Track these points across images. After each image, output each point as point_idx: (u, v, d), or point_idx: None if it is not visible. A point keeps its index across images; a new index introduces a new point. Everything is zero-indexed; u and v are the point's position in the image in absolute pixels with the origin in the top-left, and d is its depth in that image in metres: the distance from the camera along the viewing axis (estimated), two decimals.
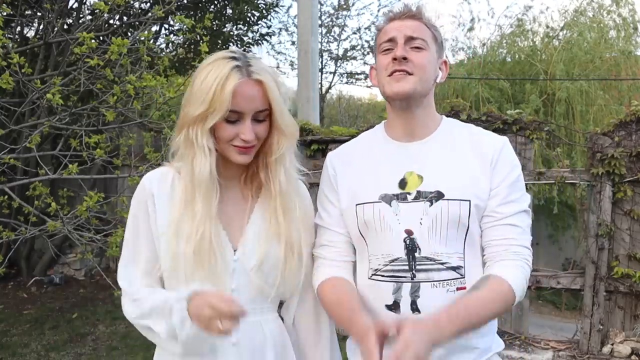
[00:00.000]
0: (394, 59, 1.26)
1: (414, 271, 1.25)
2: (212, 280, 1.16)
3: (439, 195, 1.25)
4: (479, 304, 1.15)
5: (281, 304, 1.36)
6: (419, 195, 1.27)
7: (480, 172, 1.28)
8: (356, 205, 1.31)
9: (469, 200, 1.25)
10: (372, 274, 1.30)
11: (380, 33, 1.34)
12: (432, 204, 1.25)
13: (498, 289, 1.19)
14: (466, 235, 1.26)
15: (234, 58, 1.16)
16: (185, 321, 1.08)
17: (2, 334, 4.45)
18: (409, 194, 1.27)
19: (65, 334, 4.50)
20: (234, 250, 1.22)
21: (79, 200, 3.80)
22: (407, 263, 1.25)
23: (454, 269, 1.25)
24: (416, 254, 1.25)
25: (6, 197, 3.63)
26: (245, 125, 1.16)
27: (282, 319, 1.34)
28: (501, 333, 4.41)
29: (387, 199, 1.28)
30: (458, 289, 1.25)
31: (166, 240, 1.18)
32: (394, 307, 1.26)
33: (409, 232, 1.26)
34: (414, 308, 1.24)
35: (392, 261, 1.26)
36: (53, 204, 3.25)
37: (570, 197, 6.87)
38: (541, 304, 6.99)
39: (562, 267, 6.64)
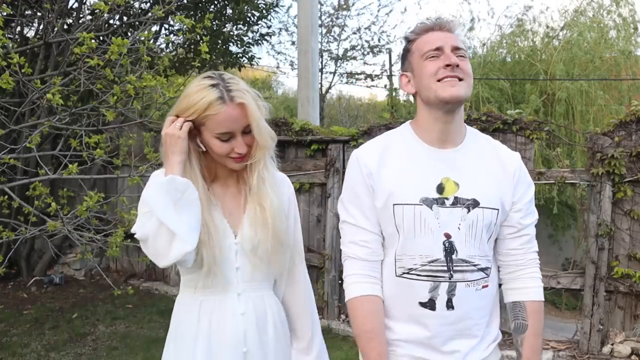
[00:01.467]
0: (448, 65, 1.33)
1: (451, 272, 1.35)
2: (221, 259, 1.41)
3: (475, 203, 1.37)
4: (538, 339, 1.44)
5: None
6: (457, 202, 1.36)
7: (505, 183, 1.41)
8: (394, 205, 1.36)
9: (498, 209, 1.38)
10: (404, 273, 1.37)
11: (422, 41, 1.39)
12: (469, 210, 1.36)
13: (537, 315, 1.43)
14: (489, 239, 1.40)
15: (213, 86, 1.35)
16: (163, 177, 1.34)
17: (2, 334, 4.45)
18: (447, 199, 1.36)
19: (65, 334, 4.50)
20: (235, 236, 1.44)
21: (79, 200, 3.80)
22: (445, 264, 1.35)
23: (482, 270, 1.39)
24: (453, 256, 1.35)
25: (6, 197, 3.63)
26: (238, 141, 1.38)
27: None
28: (501, 333, 4.41)
29: (428, 202, 1.35)
30: (483, 287, 1.39)
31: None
32: (429, 304, 1.36)
33: (447, 236, 1.35)
34: (449, 305, 1.36)
35: (431, 262, 1.35)
36: (53, 204, 3.25)
37: (570, 197, 6.87)
38: None
39: (562, 267, 6.64)
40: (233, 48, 7.01)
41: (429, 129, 1.41)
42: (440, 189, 1.36)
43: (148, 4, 5.79)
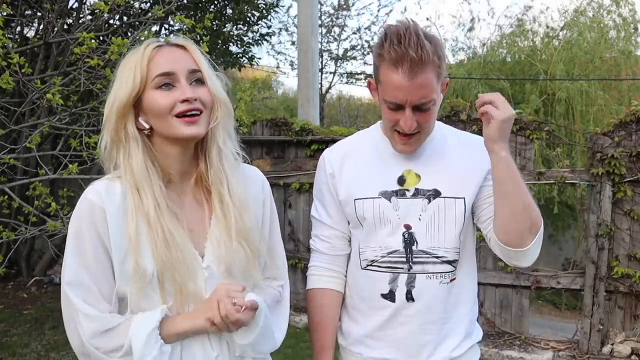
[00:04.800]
0: (403, 133, 1.29)
1: (410, 263, 1.34)
2: (188, 289, 1.08)
3: (436, 193, 1.34)
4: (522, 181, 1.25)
5: None
6: (417, 193, 1.35)
7: (472, 172, 1.36)
8: (355, 200, 1.38)
9: (463, 198, 1.35)
10: (368, 265, 1.39)
11: (388, 84, 1.24)
12: (429, 201, 1.34)
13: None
14: (462, 230, 1.35)
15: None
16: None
17: (2, 334, 4.44)
18: (408, 190, 1.36)
19: (65, 334, 4.49)
20: (202, 258, 1.13)
21: None
22: (404, 255, 1.34)
23: (449, 262, 1.35)
24: (413, 247, 1.34)
25: (6, 197, 3.63)
26: (182, 85, 1.06)
27: None
28: (501, 333, 4.41)
29: (387, 195, 1.36)
30: (451, 280, 1.36)
31: (128, 259, 1.06)
32: (390, 295, 1.36)
33: (407, 227, 1.35)
34: (409, 297, 1.34)
35: (390, 253, 1.35)
36: (53, 204, 3.25)
37: (570, 197, 6.86)
38: (541, 304, 6.99)
39: (562, 267, 6.64)
40: (233, 48, 7.01)
41: None
42: (401, 181, 1.36)
43: (148, 4, 5.78)
